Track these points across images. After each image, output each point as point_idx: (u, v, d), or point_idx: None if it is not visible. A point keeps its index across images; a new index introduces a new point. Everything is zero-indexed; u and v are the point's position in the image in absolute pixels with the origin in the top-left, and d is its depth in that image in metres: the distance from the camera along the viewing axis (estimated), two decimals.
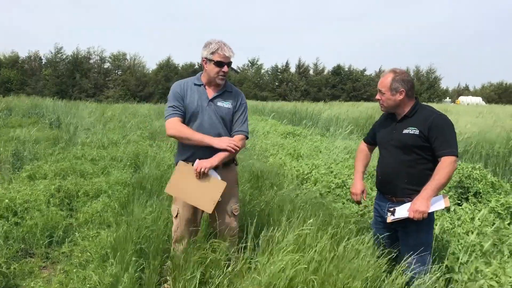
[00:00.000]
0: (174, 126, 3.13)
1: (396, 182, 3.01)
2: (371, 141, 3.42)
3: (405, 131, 2.96)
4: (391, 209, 2.99)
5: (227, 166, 3.27)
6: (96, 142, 10.03)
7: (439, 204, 2.82)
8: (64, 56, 48.77)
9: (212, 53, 3.11)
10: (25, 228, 4.38)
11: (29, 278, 3.63)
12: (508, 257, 3.39)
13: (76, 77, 46.96)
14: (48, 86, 45.31)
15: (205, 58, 3.16)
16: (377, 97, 3.09)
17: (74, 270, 3.14)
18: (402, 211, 2.88)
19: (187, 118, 3.20)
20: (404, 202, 2.96)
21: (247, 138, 3.31)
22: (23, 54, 51.65)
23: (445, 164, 2.79)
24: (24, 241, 4.28)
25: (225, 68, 3.15)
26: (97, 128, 12.96)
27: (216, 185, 3.05)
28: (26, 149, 8.60)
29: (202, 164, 3.03)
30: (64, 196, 5.44)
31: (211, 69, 3.15)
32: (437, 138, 2.85)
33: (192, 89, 3.23)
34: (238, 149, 3.14)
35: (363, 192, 3.35)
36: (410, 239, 2.95)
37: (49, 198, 5.15)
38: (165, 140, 10.49)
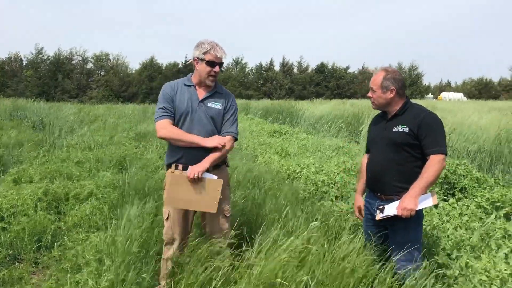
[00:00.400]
0: (165, 127, 3.12)
1: (385, 179, 3.04)
2: (369, 149, 3.40)
3: (395, 129, 2.99)
4: (380, 207, 3.02)
5: (217, 167, 3.26)
6: (82, 144, 9.92)
7: (427, 202, 2.85)
8: (46, 57, 48.15)
9: (204, 53, 3.10)
10: (12, 233, 4.32)
11: (18, 284, 3.58)
12: (496, 252, 3.45)
13: (58, 78, 46.39)
14: (30, 87, 44.66)
15: (197, 57, 3.15)
16: (369, 94, 3.13)
17: (68, 275, 3.10)
18: (391, 209, 2.91)
19: (177, 119, 3.18)
20: (393, 200, 2.98)
21: (236, 139, 3.30)
22: (2, 55, 50.80)
23: (433, 162, 2.82)
24: (12, 246, 4.23)
25: (217, 68, 3.14)
26: (82, 130, 12.83)
27: (214, 185, 3.05)
28: (9, 152, 8.47)
29: (194, 169, 3.01)
30: (51, 200, 5.37)
31: (203, 68, 3.14)
32: (426, 136, 2.88)
33: (182, 89, 3.22)
34: (226, 146, 3.12)
35: (360, 207, 3.38)
36: (398, 237, 2.98)
37: (36, 202, 5.07)
38: (151, 141, 10.44)
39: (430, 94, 62.52)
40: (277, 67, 57.67)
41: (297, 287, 2.60)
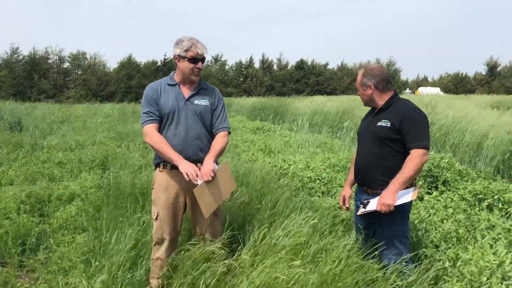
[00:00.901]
0: (148, 134, 3.10)
1: (369, 173, 3.08)
2: None
3: (379, 123, 3.03)
4: (365, 201, 3.05)
5: None
6: (63, 145, 9.76)
7: (407, 197, 2.86)
8: (21, 57, 47.02)
9: (186, 50, 3.08)
10: None
11: None
12: (481, 242, 3.52)
13: (34, 78, 45.35)
14: (4, 87, 43.54)
15: (178, 55, 3.12)
16: (358, 93, 3.25)
17: (60, 277, 3.05)
18: (373, 204, 2.94)
19: (164, 120, 3.15)
20: (379, 194, 3.00)
21: (229, 133, 3.32)
22: None
23: (414, 157, 2.84)
24: None
25: (200, 65, 3.12)
26: (61, 130, 12.61)
27: (224, 170, 3.08)
28: None
29: (206, 172, 2.92)
30: (34, 202, 5.27)
31: (185, 66, 3.11)
32: (408, 131, 2.90)
33: (166, 89, 3.19)
34: (196, 178, 2.90)
35: (345, 197, 3.40)
36: (385, 231, 3.01)
37: (19, 205, 4.97)
38: (133, 140, 10.32)
39: (408, 89, 63.33)
40: (257, 64, 57.67)
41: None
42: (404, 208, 2.96)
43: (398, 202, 2.83)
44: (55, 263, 3.64)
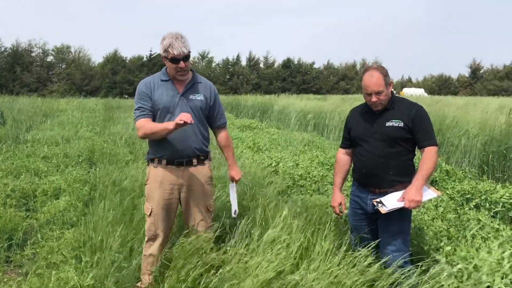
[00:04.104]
0: (141, 126, 3.03)
1: (382, 174, 3.03)
2: (347, 143, 3.36)
3: (388, 123, 2.98)
4: (378, 200, 3.01)
5: (201, 162, 3.22)
6: (48, 139, 9.60)
7: (429, 193, 2.90)
8: (3, 49, 46.16)
9: (165, 50, 2.98)
10: None
11: None
12: (471, 241, 3.56)
13: (16, 71, 44.57)
14: None
15: (162, 54, 3.04)
16: (373, 99, 2.98)
17: (53, 272, 2.98)
18: (393, 202, 2.91)
19: (158, 116, 3.10)
20: (387, 193, 3.00)
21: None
22: None
23: (430, 154, 2.88)
24: None
25: (182, 64, 3.00)
26: (46, 124, 12.42)
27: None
28: None
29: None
30: (20, 196, 5.17)
31: (169, 65, 3.05)
32: (420, 130, 2.92)
33: (160, 85, 3.12)
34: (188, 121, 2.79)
35: (340, 204, 3.35)
36: (394, 227, 2.98)
37: (5, 200, 4.86)
38: (120, 135, 10.21)
39: (392, 89, 63.91)
40: (243, 62, 57.63)
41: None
42: None
43: (424, 198, 2.87)
44: (43, 258, 3.57)
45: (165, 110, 3.07)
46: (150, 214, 3.16)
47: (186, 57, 3.00)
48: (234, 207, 3.43)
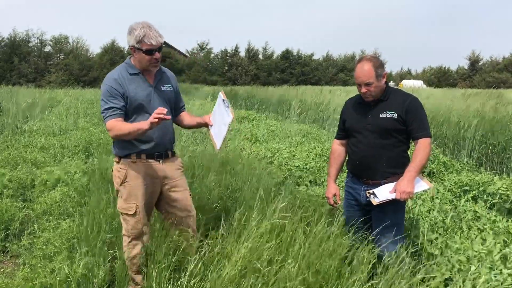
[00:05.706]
0: (112, 128, 2.82)
1: (375, 166, 3.03)
2: (342, 134, 3.35)
3: (382, 115, 2.98)
4: (371, 191, 3.03)
5: (173, 154, 3.18)
6: (45, 129, 9.59)
7: (421, 185, 2.90)
8: (0, 39, 45.83)
9: (138, 42, 2.81)
10: None
11: None
12: (467, 232, 3.57)
13: (14, 61, 44.27)
14: None
15: (133, 46, 2.88)
16: (363, 90, 2.97)
17: (40, 264, 2.99)
18: (385, 193, 2.92)
19: (132, 112, 2.93)
20: (380, 184, 3.01)
21: None
22: None
23: (424, 145, 2.88)
24: None
25: (157, 55, 2.89)
26: (44, 115, 12.39)
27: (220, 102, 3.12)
28: None
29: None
30: (17, 187, 5.17)
31: (142, 58, 2.88)
32: (414, 121, 2.91)
33: (130, 79, 2.95)
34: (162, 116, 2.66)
35: (335, 195, 3.35)
36: (387, 218, 2.99)
37: (2, 190, 4.86)
38: None
39: (391, 81, 63.79)
40: (242, 53, 57.29)
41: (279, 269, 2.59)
42: None
43: (416, 190, 2.86)
44: (39, 249, 3.57)
45: (140, 106, 2.93)
46: (134, 214, 3.00)
47: (160, 48, 2.91)
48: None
